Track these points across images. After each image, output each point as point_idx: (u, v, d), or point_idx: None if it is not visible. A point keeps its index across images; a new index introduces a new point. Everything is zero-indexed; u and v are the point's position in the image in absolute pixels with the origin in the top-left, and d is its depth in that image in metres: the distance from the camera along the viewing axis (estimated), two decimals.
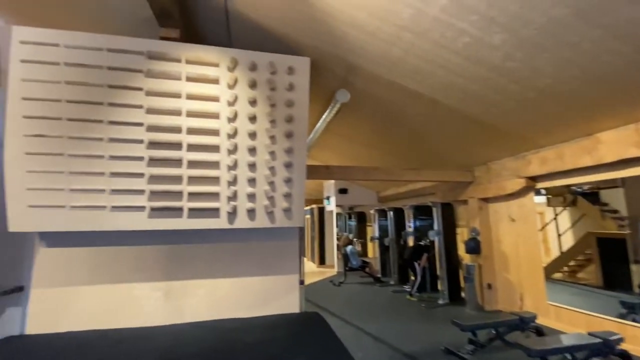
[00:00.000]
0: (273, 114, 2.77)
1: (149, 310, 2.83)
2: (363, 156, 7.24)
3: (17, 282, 2.74)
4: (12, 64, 2.37)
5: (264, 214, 2.82)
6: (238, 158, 2.73)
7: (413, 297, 6.70)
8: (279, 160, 2.82)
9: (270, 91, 2.76)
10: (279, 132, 2.80)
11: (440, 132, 4.75)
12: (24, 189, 2.45)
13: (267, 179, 2.80)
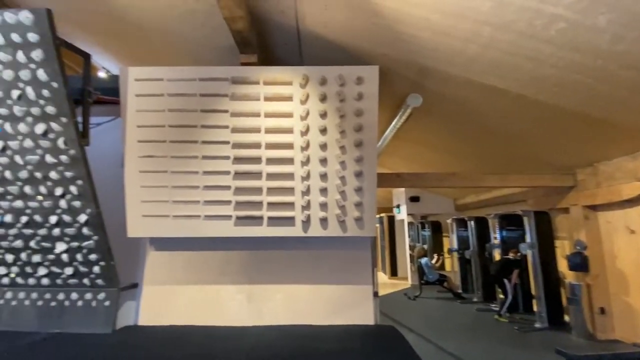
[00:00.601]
0: (343, 124, 2.82)
1: (234, 311, 3.09)
2: (436, 162, 6.82)
3: (132, 279, 3.29)
4: (129, 98, 2.91)
5: (335, 223, 2.86)
6: (310, 169, 2.84)
7: (503, 318, 5.95)
8: (349, 169, 2.84)
9: (339, 102, 2.82)
10: (349, 142, 2.83)
11: (531, 131, 4.19)
12: (139, 201, 2.95)
13: (338, 189, 2.84)
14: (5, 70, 2.35)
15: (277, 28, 3.14)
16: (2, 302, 2.98)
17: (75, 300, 2.93)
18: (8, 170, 2.60)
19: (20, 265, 2.90)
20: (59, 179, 2.60)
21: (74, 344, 2.61)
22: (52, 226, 2.73)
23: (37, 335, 2.78)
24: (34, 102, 2.41)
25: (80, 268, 2.86)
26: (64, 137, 2.49)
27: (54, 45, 2.29)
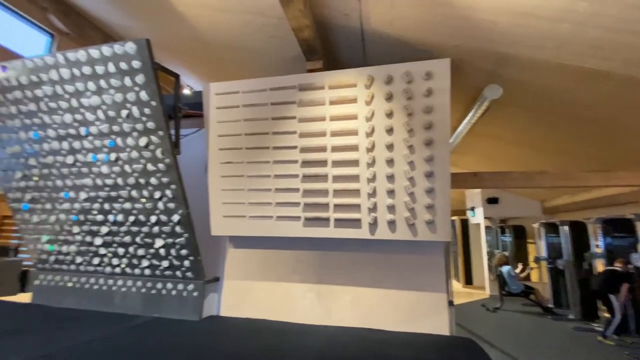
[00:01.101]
0: (411, 123, 2.71)
1: (305, 309, 3.19)
2: (518, 158, 6.08)
3: (215, 274, 3.65)
4: (210, 111, 3.24)
5: (405, 226, 2.75)
6: (376, 170, 2.79)
7: (609, 340, 5.02)
8: (418, 170, 2.71)
9: (407, 100, 2.72)
10: (418, 141, 2.70)
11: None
12: (220, 203, 3.26)
13: (407, 190, 2.73)
14: (117, 93, 2.83)
15: (341, 32, 3.18)
16: (115, 288, 3.58)
17: (170, 290, 3.36)
18: (120, 177, 3.11)
19: (129, 257, 3.44)
20: (158, 184, 3.02)
21: (169, 327, 2.99)
22: (152, 225, 3.18)
23: (141, 318, 3.26)
24: (138, 119, 2.86)
25: (174, 262, 3.27)
26: (161, 148, 2.89)
27: (152, 70, 2.68)
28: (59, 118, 3.03)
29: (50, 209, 3.49)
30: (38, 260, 3.92)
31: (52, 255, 3.75)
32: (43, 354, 2.27)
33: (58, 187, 3.34)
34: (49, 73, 2.88)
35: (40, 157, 3.27)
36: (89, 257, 3.57)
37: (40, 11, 4.53)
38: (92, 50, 2.72)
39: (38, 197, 3.49)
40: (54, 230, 3.58)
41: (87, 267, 3.64)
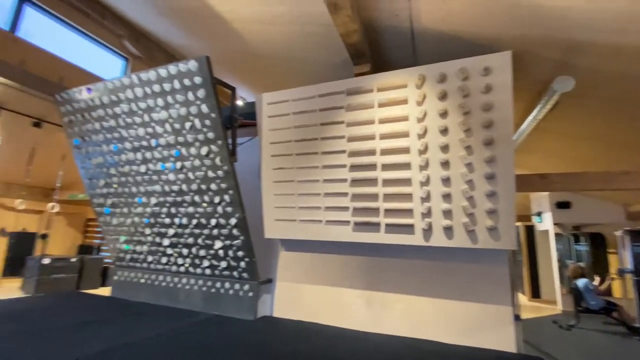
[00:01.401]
0: (467, 122, 2.55)
1: (355, 315, 3.16)
2: (594, 158, 5.37)
3: (268, 275, 3.78)
4: (263, 120, 3.39)
5: (463, 232, 2.59)
6: (430, 174, 2.67)
7: None
8: (477, 172, 2.53)
9: (462, 99, 2.57)
10: (476, 141, 2.53)
11: None
12: (272, 207, 3.39)
13: (465, 194, 2.56)
14: (181, 108, 3.10)
15: (389, 33, 3.12)
16: (180, 285, 3.89)
17: (228, 289, 3.56)
18: (184, 184, 3.40)
19: (192, 257, 3.73)
20: (217, 190, 3.24)
21: (227, 325, 3.16)
22: (212, 227, 3.41)
23: (202, 315, 3.50)
24: (200, 131, 3.10)
25: (231, 262, 3.47)
26: (219, 156, 3.09)
27: (212, 84, 2.90)
28: (134, 132, 3.41)
29: (127, 213, 3.93)
30: (116, 258, 4.44)
31: (128, 254, 4.22)
32: (123, 343, 2.55)
33: (133, 193, 3.76)
34: (126, 92, 3.27)
35: (119, 167, 3.71)
36: (158, 257, 3.95)
37: (116, 38, 5.18)
38: (161, 69, 3.02)
39: (117, 202, 3.96)
40: (129, 231, 4.03)
41: (157, 265, 4.03)
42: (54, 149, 5.49)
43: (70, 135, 3.96)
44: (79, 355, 2.27)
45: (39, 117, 4.86)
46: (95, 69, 5.16)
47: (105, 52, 5.43)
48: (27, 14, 4.48)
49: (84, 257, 5.99)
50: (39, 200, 6.15)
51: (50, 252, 6.23)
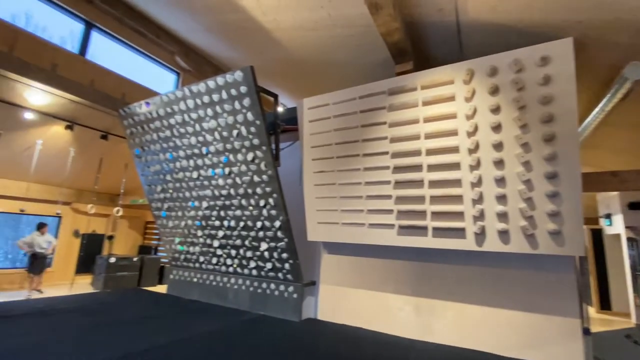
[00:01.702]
0: (524, 117, 2.36)
1: (402, 322, 3.05)
2: None
3: (311, 278, 3.81)
4: (304, 124, 3.44)
5: (521, 236, 2.39)
6: (482, 174, 2.51)
7: None
8: (536, 171, 2.33)
9: (517, 92, 2.39)
10: (534, 138, 2.33)
11: None
12: (314, 210, 3.41)
13: (522, 195, 2.37)
14: (229, 116, 3.26)
15: (433, 28, 3.01)
16: (229, 285, 4.07)
17: (274, 290, 3.65)
18: (232, 188, 3.56)
19: (239, 258, 3.89)
20: (262, 193, 3.35)
21: (274, 325, 3.23)
22: (258, 229, 3.53)
23: (250, 314, 3.63)
24: (246, 137, 3.23)
25: (276, 264, 3.56)
26: (264, 161, 3.20)
27: (256, 93, 3.01)
28: (187, 141, 3.66)
29: (181, 216, 4.22)
30: (172, 258, 4.78)
31: (182, 254, 4.53)
32: (180, 338, 2.72)
33: (186, 197, 4.03)
34: (179, 104, 3.52)
35: (174, 174, 4.00)
36: (209, 257, 4.18)
37: (169, 54, 5.62)
38: (209, 81, 3.21)
39: (172, 206, 4.27)
40: (183, 233, 4.32)
41: (208, 265, 4.26)
42: (118, 158, 6.10)
43: (131, 145, 4.36)
44: (147, 347, 2.47)
45: (106, 130, 5.44)
46: (152, 84, 5.64)
47: (159, 68, 5.92)
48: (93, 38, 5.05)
49: (144, 256, 6.54)
50: (106, 205, 6.87)
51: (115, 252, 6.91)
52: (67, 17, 4.51)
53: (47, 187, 5.89)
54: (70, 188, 6.27)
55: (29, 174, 5.18)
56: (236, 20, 4.04)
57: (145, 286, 6.25)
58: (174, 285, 4.70)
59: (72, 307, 3.73)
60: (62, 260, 6.29)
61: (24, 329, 2.87)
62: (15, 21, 3.95)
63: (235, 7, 3.67)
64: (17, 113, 4.39)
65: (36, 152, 5.05)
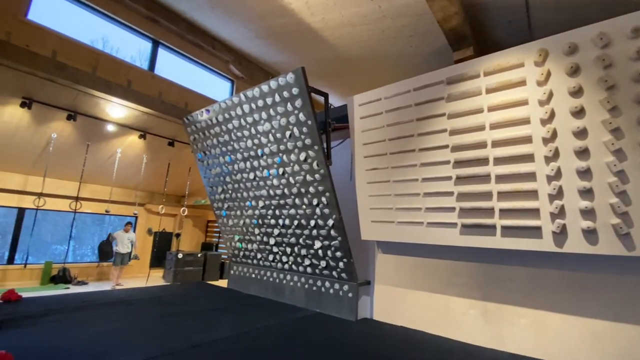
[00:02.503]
0: (613, 98, 2.04)
1: (467, 327, 2.85)
2: None
3: (366, 277, 3.75)
4: (355, 122, 3.39)
5: (612, 236, 2.07)
6: (561, 165, 2.23)
7: None
8: (631, 160, 2.00)
9: (603, 70, 2.07)
10: (628, 121, 2.00)
11: None
12: (368, 208, 3.35)
13: (614, 189, 2.05)
14: (282, 118, 3.35)
15: (497, 8, 2.76)
16: (285, 282, 4.19)
17: (328, 288, 3.67)
18: (286, 188, 3.66)
19: (294, 256, 3.98)
20: (315, 192, 3.39)
21: (330, 323, 3.24)
22: (312, 228, 3.58)
23: (305, 311, 3.69)
24: (298, 138, 3.29)
25: (330, 262, 3.57)
26: (316, 160, 3.23)
27: (308, 93, 3.04)
28: (244, 144, 3.84)
29: (240, 215, 4.45)
30: (232, 255, 5.08)
31: (241, 251, 4.78)
32: (242, 331, 2.87)
33: (244, 197, 4.24)
34: (236, 110, 3.71)
35: (232, 175, 4.23)
36: (266, 254, 4.35)
37: (223, 63, 5.98)
38: (263, 86, 3.33)
39: (232, 206, 4.53)
40: (242, 231, 4.56)
41: (265, 262, 4.45)
42: (183, 163, 6.68)
43: (194, 150, 4.72)
44: (214, 337, 2.64)
45: (172, 138, 5.98)
46: (210, 93, 6.06)
47: (215, 77, 6.34)
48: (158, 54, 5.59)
49: (207, 253, 7.07)
50: (173, 206, 7.58)
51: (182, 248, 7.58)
52: (136, 37, 5.04)
53: (125, 190, 6.68)
54: (144, 191, 7.03)
55: (111, 179, 5.92)
56: (285, 24, 4.15)
57: (209, 280, 6.73)
58: (234, 280, 4.99)
59: (149, 298, 4.16)
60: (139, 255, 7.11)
61: (111, 315, 3.27)
62: (94, 44, 4.53)
63: (285, 11, 3.76)
64: (101, 126, 5.03)
65: (116, 160, 5.74)
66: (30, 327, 2.70)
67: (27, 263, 5.39)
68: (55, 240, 6.85)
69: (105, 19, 4.60)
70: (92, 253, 7.39)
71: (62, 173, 5.46)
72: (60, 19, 4.13)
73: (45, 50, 3.76)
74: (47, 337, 2.48)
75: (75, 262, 6.35)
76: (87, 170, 5.58)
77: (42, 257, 6.07)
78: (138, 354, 2.24)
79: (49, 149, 4.90)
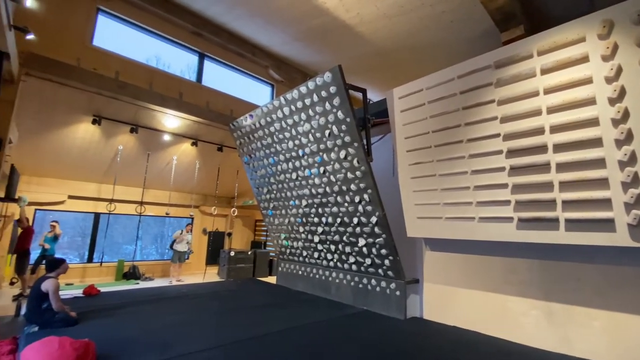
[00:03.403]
0: None
1: (528, 329, 2.64)
2: None
3: (414, 275, 3.65)
4: (395, 115, 3.31)
5: None
6: (636, 149, 1.96)
7: None
8: None
9: None
10: None
11: None
12: (412, 204, 3.25)
13: None
14: (321, 118, 3.38)
15: None
16: (330, 279, 4.24)
17: (375, 286, 3.64)
18: (327, 186, 3.69)
19: (339, 253, 4.01)
20: (356, 190, 3.37)
21: (378, 322, 3.21)
22: (355, 225, 3.57)
23: (353, 308, 3.69)
24: (337, 136, 3.30)
25: (376, 260, 3.53)
26: (356, 157, 3.21)
27: (345, 91, 3.04)
28: (285, 145, 3.96)
29: (285, 214, 4.60)
30: (279, 252, 5.26)
31: (287, 249, 4.94)
32: (292, 326, 2.96)
33: (288, 197, 4.37)
34: (276, 113, 3.83)
35: (276, 176, 4.38)
36: (311, 252, 4.44)
37: (263, 69, 6.21)
38: (301, 87, 3.40)
39: (277, 205, 4.69)
40: (288, 229, 4.70)
41: (310, 259, 4.54)
42: (231, 166, 7.09)
43: (241, 154, 4.97)
44: (266, 331, 2.77)
45: (220, 143, 6.37)
46: (252, 98, 6.34)
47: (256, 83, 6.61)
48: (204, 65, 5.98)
49: (256, 250, 7.41)
50: (224, 207, 8.06)
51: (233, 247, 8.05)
52: (184, 52, 5.44)
53: (182, 194, 7.26)
54: (198, 193, 7.58)
55: (169, 184, 6.49)
56: (320, 24, 4.17)
57: (258, 276, 7.05)
58: (282, 276, 5.16)
59: (207, 293, 4.49)
60: (196, 253, 7.71)
61: (175, 308, 3.58)
62: (149, 62, 4.98)
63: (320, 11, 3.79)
64: (159, 136, 5.53)
65: (173, 166, 6.28)
66: (109, 318, 3.07)
67: (103, 261, 6.15)
68: (125, 241, 7.67)
69: (157, 38, 5.03)
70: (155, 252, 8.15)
71: (128, 180, 6.10)
72: (120, 42, 4.61)
73: (109, 71, 4.22)
74: (122, 327, 2.80)
75: (142, 260, 7.05)
76: (149, 177, 6.17)
77: (115, 256, 6.85)
78: (200, 343, 2.44)
79: (116, 159, 5.50)
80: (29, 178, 5.34)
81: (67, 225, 6.29)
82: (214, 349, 2.37)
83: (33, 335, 2.44)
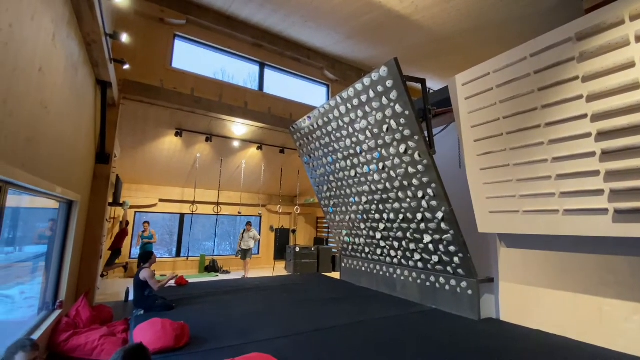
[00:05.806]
0: None
1: (630, 336, 2.28)
2: None
3: (488, 274, 3.39)
4: (459, 103, 3.12)
5: None
6: None
7: None
8: None
9: None
10: None
11: None
12: (484, 198, 3.03)
13: None
14: (378, 113, 3.36)
15: None
16: (395, 276, 4.18)
17: (444, 284, 3.49)
18: (387, 182, 3.65)
19: (403, 250, 3.93)
20: (419, 184, 3.27)
21: (449, 321, 3.08)
22: (419, 221, 3.47)
23: (420, 306, 3.59)
24: (396, 130, 3.24)
25: (443, 257, 3.38)
26: (418, 151, 3.12)
27: (403, 83, 2.97)
28: (343, 143, 4.02)
29: (345, 211, 4.67)
30: (341, 249, 5.35)
31: (349, 245, 5.00)
32: (358, 320, 3.02)
33: (348, 194, 4.43)
34: (333, 112, 3.91)
35: (335, 174, 4.48)
36: (374, 248, 4.43)
37: (318, 70, 6.35)
38: (357, 84, 3.41)
39: (337, 203, 4.79)
40: (349, 226, 4.76)
41: (373, 256, 4.53)
42: (292, 167, 7.44)
43: (301, 155, 5.19)
44: (333, 324, 2.88)
45: (282, 146, 6.74)
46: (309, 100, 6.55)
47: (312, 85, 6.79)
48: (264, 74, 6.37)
49: (319, 247, 7.65)
50: (288, 205, 8.50)
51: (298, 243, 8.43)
52: (246, 63, 5.86)
53: (251, 194, 7.86)
54: (264, 194, 8.13)
55: (240, 186, 7.09)
56: (373, 19, 4.12)
57: (322, 272, 7.26)
58: (346, 272, 5.25)
59: (276, 286, 4.80)
60: (265, 249, 8.27)
61: (250, 299, 3.92)
62: (216, 76, 5.48)
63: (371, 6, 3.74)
64: (229, 143, 6.08)
65: (242, 170, 6.84)
66: (197, 305, 3.51)
67: (188, 256, 7.01)
68: (204, 238, 8.58)
69: (222, 53, 5.53)
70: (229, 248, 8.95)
71: (206, 184, 6.83)
72: (192, 61, 5.18)
73: (186, 89, 4.78)
74: (208, 314, 3.18)
75: (219, 255, 7.83)
76: (223, 180, 6.84)
77: (197, 251, 7.72)
78: (273, 332, 2.65)
79: (195, 166, 6.21)
80: (129, 185, 6.36)
81: (157, 225, 7.29)
82: (285, 337, 2.56)
83: (140, 317, 2.93)
